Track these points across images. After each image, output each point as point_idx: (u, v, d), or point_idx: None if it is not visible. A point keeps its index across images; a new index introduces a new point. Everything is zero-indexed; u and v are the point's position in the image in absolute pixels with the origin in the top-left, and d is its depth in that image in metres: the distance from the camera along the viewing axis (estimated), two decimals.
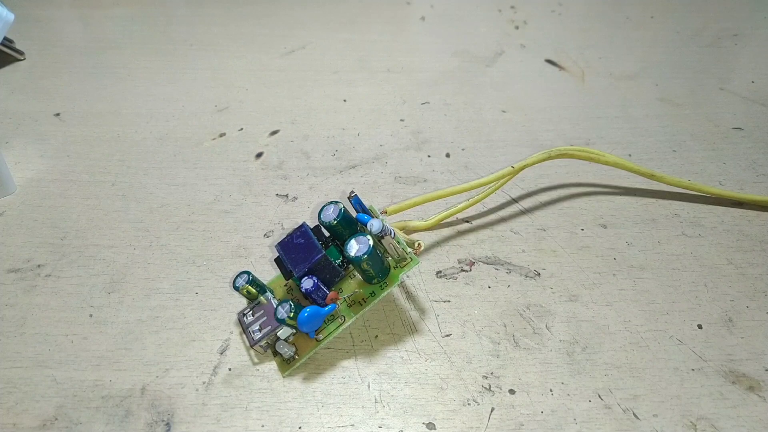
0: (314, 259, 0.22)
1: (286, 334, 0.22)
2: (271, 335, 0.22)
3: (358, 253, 0.21)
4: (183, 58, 0.43)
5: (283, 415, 0.21)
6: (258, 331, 0.23)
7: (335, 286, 0.23)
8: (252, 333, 0.23)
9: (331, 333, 0.22)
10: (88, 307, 0.25)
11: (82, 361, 0.23)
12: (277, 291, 0.25)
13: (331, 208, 0.23)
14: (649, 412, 0.21)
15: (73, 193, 0.31)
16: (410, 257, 0.22)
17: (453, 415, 0.21)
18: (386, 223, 0.22)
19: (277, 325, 0.22)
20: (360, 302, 0.22)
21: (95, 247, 0.27)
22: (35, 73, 0.41)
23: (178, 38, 0.45)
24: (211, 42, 0.44)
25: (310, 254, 0.22)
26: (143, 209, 0.30)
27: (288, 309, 0.22)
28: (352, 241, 0.22)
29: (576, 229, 0.29)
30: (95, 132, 0.35)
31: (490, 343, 0.23)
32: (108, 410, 0.21)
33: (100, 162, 0.33)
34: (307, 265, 0.22)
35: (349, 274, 0.23)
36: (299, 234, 0.23)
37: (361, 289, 0.23)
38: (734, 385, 0.22)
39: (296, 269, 0.22)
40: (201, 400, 0.21)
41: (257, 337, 0.22)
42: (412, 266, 0.22)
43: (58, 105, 0.37)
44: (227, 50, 0.44)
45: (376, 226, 0.22)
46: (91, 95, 0.38)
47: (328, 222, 0.23)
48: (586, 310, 0.25)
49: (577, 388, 0.22)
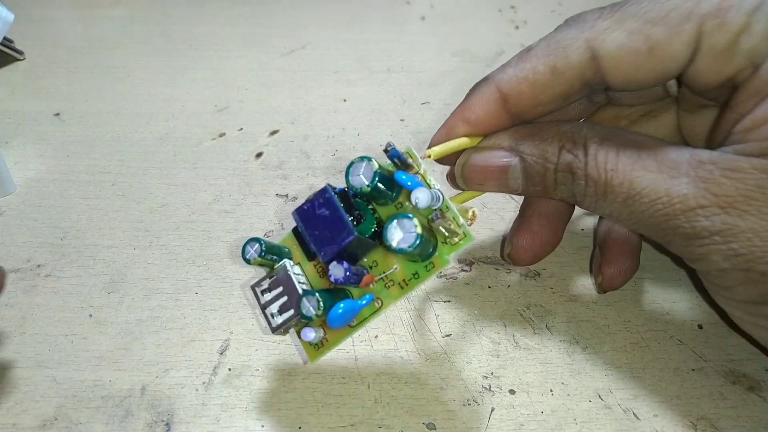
0: (344, 241, 0.18)
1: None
2: (293, 321, 0.19)
3: (401, 245, 0.17)
4: (183, 57, 0.43)
5: (282, 416, 0.21)
6: (278, 315, 0.19)
7: (367, 258, 0.20)
8: (271, 317, 0.19)
9: (366, 319, 0.19)
10: (87, 307, 0.25)
11: (82, 361, 0.23)
12: (294, 251, 0.21)
13: (361, 167, 0.18)
14: (649, 413, 0.21)
15: (73, 193, 0.31)
16: (463, 232, 0.18)
17: (453, 416, 0.21)
18: (434, 188, 0.18)
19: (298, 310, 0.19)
20: (400, 284, 0.19)
21: (95, 247, 0.27)
22: (35, 73, 0.41)
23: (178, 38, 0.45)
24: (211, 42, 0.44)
25: (339, 233, 0.18)
26: (143, 209, 0.29)
27: (315, 305, 0.18)
28: (394, 227, 0.17)
29: (576, 229, 0.28)
30: (95, 132, 0.35)
31: (490, 343, 0.23)
32: (108, 410, 0.21)
33: (100, 162, 0.33)
34: (335, 248, 0.18)
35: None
36: (322, 202, 0.19)
37: (401, 267, 0.19)
38: (735, 386, 0.22)
39: (321, 251, 0.18)
40: (201, 400, 0.21)
41: (277, 323, 0.19)
42: (464, 244, 0.18)
43: (58, 105, 0.37)
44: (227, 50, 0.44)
45: (424, 200, 0.18)
46: (91, 95, 0.38)
47: (359, 188, 0.18)
48: (587, 310, 0.25)
49: (577, 388, 0.22)
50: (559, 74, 0.20)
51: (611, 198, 0.19)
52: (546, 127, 0.21)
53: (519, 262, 0.25)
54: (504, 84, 0.21)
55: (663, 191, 0.18)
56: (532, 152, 0.20)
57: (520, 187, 0.21)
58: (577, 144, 0.20)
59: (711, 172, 0.18)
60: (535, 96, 0.20)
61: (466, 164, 0.21)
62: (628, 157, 0.19)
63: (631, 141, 0.20)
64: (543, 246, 0.24)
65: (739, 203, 0.17)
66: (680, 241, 0.19)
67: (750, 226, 0.17)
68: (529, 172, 0.21)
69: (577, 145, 0.20)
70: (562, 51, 0.20)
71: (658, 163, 0.19)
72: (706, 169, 0.18)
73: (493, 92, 0.21)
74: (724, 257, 0.18)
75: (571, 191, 0.20)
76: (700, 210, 0.18)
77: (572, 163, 0.20)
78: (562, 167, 0.20)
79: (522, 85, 0.20)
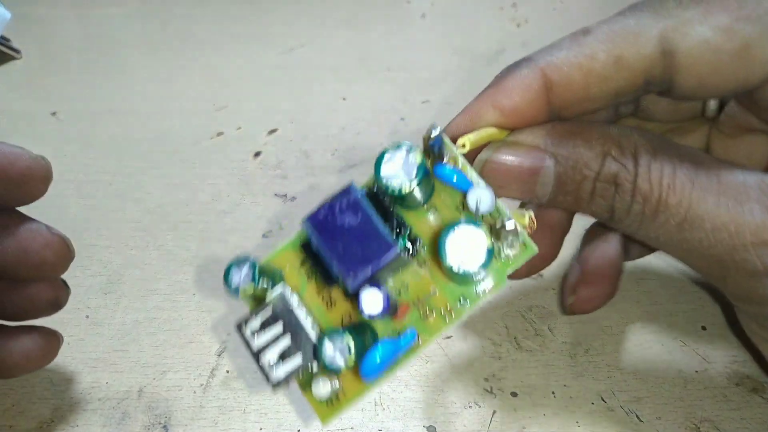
0: (384, 260, 0.14)
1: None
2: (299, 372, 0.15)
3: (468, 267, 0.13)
4: (181, 56, 0.42)
5: (281, 418, 0.21)
6: (279, 364, 0.15)
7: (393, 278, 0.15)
8: (269, 368, 0.15)
9: (400, 363, 0.15)
10: (84, 308, 0.24)
11: (79, 362, 0.22)
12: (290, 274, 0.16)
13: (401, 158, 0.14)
14: (652, 415, 0.21)
15: (70, 193, 0.30)
16: (524, 242, 0.15)
17: (454, 418, 0.21)
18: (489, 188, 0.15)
19: (312, 361, 0.14)
20: (442, 313, 0.15)
21: (92, 247, 0.27)
22: (31, 71, 0.40)
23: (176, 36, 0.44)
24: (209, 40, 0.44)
25: (375, 249, 0.14)
26: (140, 209, 0.29)
27: (344, 350, 0.14)
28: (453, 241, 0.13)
29: (579, 230, 0.28)
30: (92, 131, 0.35)
31: (491, 345, 0.23)
32: (105, 412, 0.21)
33: (97, 161, 0.32)
34: (369, 269, 0.14)
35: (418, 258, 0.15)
36: (347, 206, 0.14)
37: (442, 291, 0.15)
38: (738, 387, 0.22)
39: (350, 274, 0.14)
40: (198, 402, 0.21)
41: (279, 376, 0.14)
42: (525, 258, 0.15)
43: (55, 104, 0.37)
44: (225, 48, 0.43)
45: (487, 202, 0.14)
46: (88, 94, 0.38)
47: (397, 188, 0.14)
48: None
49: (579, 391, 0.22)
50: (624, 66, 0.17)
51: (663, 219, 0.16)
52: (588, 128, 0.18)
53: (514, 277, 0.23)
54: (552, 69, 0.17)
55: (730, 218, 0.16)
56: (570, 155, 0.17)
57: (547, 195, 0.18)
58: (625, 152, 0.17)
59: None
60: (588, 88, 0.17)
61: (491, 161, 0.18)
62: (686, 173, 0.16)
63: (688, 155, 0.17)
64: (541, 260, 0.22)
65: None
66: (742, 278, 0.16)
67: None
68: (563, 178, 0.17)
69: (625, 152, 0.17)
70: (632, 39, 0.16)
71: (723, 185, 0.16)
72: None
73: (537, 77, 0.17)
74: None
75: (609, 206, 0.17)
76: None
77: (618, 174, 0.17)
78: (604, 177, 0.17)
79: (575, 72, 0.17)
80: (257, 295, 0.15)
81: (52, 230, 0.19)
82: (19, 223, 0.19)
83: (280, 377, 0.15)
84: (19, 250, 0.18)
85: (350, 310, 0.16)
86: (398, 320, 0.15)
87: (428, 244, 0.16)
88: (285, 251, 0.17)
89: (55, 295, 0.20)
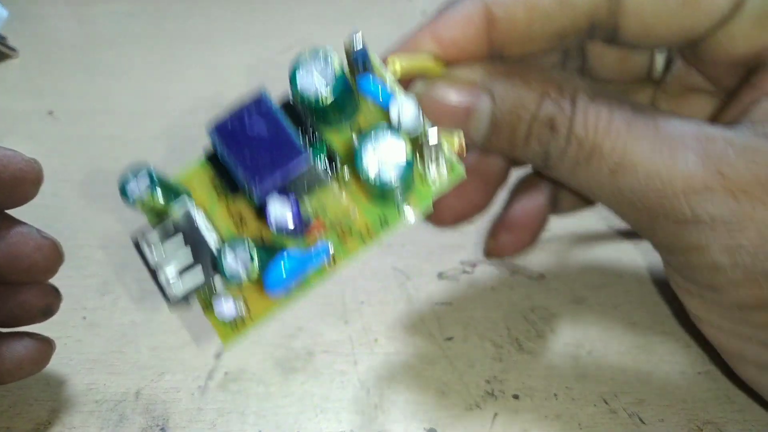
0: (294, 168, 0.13)
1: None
2: (200, 288, 0.14)
3: (383, 176, 0.13)
4: (179, 54, 0.42)
5: (280, 421, 0.21)
6: (176, 279, 0.14)
7: (309, 198, 0.14)
8: (167, 281, 0.14)
9: (309, 283, 0.14)
10: (81, 309, 0.24)
11: (76, 364, 0.22)
12: (198, 192, 0.15)
13: (317, 65, 0.13)
14: (655, 417, 0.21)
15: (66, 193, 0.30)
16: (450, 163, 0.15)
17: (455, 421, 0.21)
18: (413, 99, 0.14)
19: (213, 275, 0.14)
20: (361, 234, 0.14)
21: (89, 247, 0.27)
22: (28, 70, 0.40)
23: (174, 34, 0.44)
24: (208, 38, 0.44)
25: (284, 157, 0.13)
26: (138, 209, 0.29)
27: (247, 260, 0.13)
28: (370, 150, 0.13)
29: (581, 230, 0.28)
30: (89, 130, 0.35)
31: (493, 347, 0.23)
32: (102, 414, 0.21)
33: (94, 161, 0.32)
34: (278, 177, 0.13)
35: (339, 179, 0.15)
36: (256, 110, 0.14)
37: (362, 212, 0.15)
38: (742, 389, 0.22)
39: (256, 181, 0.13)
40: (196, 404, 0.21)
41: (177, 292, 0.14)
42: (452, 182, 0.15)
43: (51, 103, 0.37)
44: (224, 46, 0.43)
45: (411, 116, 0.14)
46: (85, 93, 0.38)
47: (314, 97, 0.13)
48: (592, 312, 0.24)
49: (582, 393, 0.21)
50: (568, 5, 0.16)
51: (596, 165, 0.16)
52: (528, 69, 0.17)
53: (437, 223, 0.22)
54: (496, 3, 0.17)
55: (663, 165, 0.16)
56: (508, 94, 0.16)
57: (482, 136, 0.17)
58: (564, 93, 0.16)
59: (723, 150, 0.15)
60: (530, 25, 0.17)
61: (424, 95, 0.17)
62: (623, 119, 0.16)
63: (627, 103, 0.17)
64: (472, 208, 0.21)
65: (754, 190, 0.15)
66: (671, 227, 0.16)
67: (763, 217, 0.15)
68: (498, 118, 0.17)
69: (564, 94, 0.16)
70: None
71: (660, 133, 0.16)
72: (718, 146, 0.15)
73: (479, 10, 0.17)
74: (723, 251, 0.16)
75: (544, 151, 0.17)
76: (707, 192, 0.15)
77: (556, 116, 0.16)
78: (541, 119, 0.16)
79: (518, 8, 0.16)
80: (158, 209, 0.14)
81: (43, 233, 0.19)
82: (10, 227, 0.19)
83: (178, 294, 0.14)
84: (9, 255, 0.18)
85: (262, 230, 0.15)
86: (311, 237, 0.14)
87: (348, 163, 0.15)
88: (193, 171, 0.16)
89: (47, 303, 0.20)
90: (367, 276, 0.25)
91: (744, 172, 0.15)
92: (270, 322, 0.16)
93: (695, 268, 0.17)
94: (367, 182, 0.13)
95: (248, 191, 0.13)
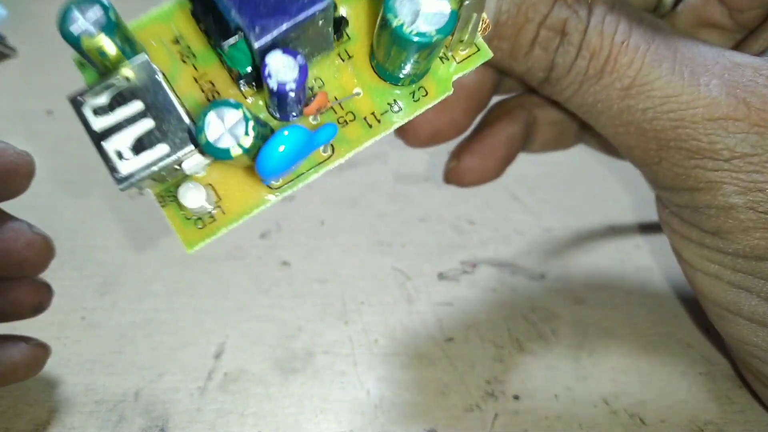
0: (311, 8, 0.10)
1: (198, 167, 0.11)
2: (163, 168, 0.11)
3: (424, 28, 0.10)
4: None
5: (280, 422, 0.21)
6: (131, 153, 0.11)
7: (311, 67, 0.12)
8: (119, 157, 0.11)
9: (303, 175, 0.12)
10: (80, 310, 0.24)
11: (75, 364, 0.22)
12: (157, 51, 0.12)
13: None
14: (656, 418, 0.21)
15: (65, 193, 0.30)
16: (476, 42, 0.12)
17: (456, 422, 0.21)
18: None
19: (184, 149, 0.11)
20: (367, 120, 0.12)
21: (88, 247, 0.27)
22: (27, 69, 0.40)
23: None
24: None
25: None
26: (137, 209, 0.29)
27: (242, 131, 0.10)
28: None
29: (582, 231, 0.28)
30: None
31: (493, 348, 0.23)
32: (101, 415, 0.21)
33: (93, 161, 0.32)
34: (286, 20, 0.10)
35: (340, 51, 0.12)
36: None
37: (368, 93, 0.12)
38: (742, 389, 0.22)
39: (256, 25, 0.10)
40: (196, 405, 0.21)
41: (130, 170, 0.11)
42: (475, 63, 0.13)
43: (51, 102, 0.37)
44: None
45: None
46: None
47: None
48: (593, 313, 0.24)
49: (582, 394, 0.21)
50: None
51: (608, 81, 0.14)
52: None
53: (411, 138, 0.19)
54: None
55: (683, 88, 0.14)
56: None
57: None
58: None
59: (752, 78, 0.14)
60: None
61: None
62: (643, 34, 0.14)
63: (648, 19, 0.15)
64: (450, 125, 0.19)
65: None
66: (681, 159, 0.14)
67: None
68: (503, 17, 0.15)
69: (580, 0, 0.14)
70: None
71: (681, 54, 0.14)
72: (745, 74, 0.14)
73: None
74: (739, 190, 0.14)
75: (549, 61, 0.15)
76: (729, 122, 0.14)
77: (568, 21, 0.14)
78: (551, 23, 0.14)
79: None
80: (107, 59, 0.11)
81: (34, 229, 0.19)
82: (1, 222, 0.19)
83: (130, 172, 0.10)
84: (0, 250, 0.18)
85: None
86: (311, 114, 0.12)
87: (358, 31, 0.12)
88: (156, 20, 0.12)
89: (39, 300, 0.20)
90: (367, 276, 0.25)
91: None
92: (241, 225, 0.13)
93: (702, 208, 0.15)
94: (399, 34, 0.10)
95: (239, 46, 0.10)
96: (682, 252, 0.17)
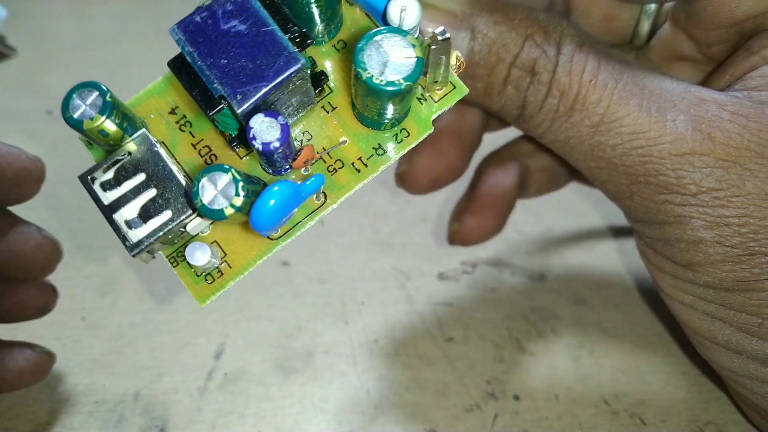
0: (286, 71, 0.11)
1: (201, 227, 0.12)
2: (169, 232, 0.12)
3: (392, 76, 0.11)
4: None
5: (280, 422, 0.21)
6: (138, 222, 0.12)
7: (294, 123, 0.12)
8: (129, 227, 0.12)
9: (298, 224, 0.13)
10: (80, 310, 0.24)
11: (75, 365, 0.22)
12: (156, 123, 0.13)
13: None
14: (656, 418, 0.21)
15: (65, 193, 0.30)
16: (450, 81, 0.13)
17: (456, 422, 0.21)
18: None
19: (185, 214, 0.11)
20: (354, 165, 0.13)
21: (88, 248, 0.27)
22: (27, 69, 0.40)
23: None
24: None
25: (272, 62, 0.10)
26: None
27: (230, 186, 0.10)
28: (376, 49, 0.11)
29: (582, 231, 0.28)
30: None
31: (493, 348, 0.23)
32: (101, 415, 0.21)
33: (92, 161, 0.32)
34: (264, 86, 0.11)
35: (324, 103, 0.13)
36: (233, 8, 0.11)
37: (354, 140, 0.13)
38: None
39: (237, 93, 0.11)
40: (196, 405, 0.21)
41: (140, 237, 0.12)
42: (453, 100, 0.13)
43: (50, 102, 0.37)
44: None
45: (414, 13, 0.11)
46: None
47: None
48: (593, 313, 0.24)
49: (583, 394, 0.21)
50: None
51: (578, 119, 0.15)
52: (514, 8, 0.15)
53: (412, 187, 0.20)
54: None
55: (651, 124, 0.14)
56: (489, 32, 0.15)
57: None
58: (549, 38, 0.15)
59: (716, 114, 0.14)
60: None
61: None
62: (611, 72, 0.15)
63: (616, 55, 0.15)
64: (448, 169, 0.20)
65: (744, 159, 0.14)
66: (651, 193, 0.15)
67: (752, 190, 0.14)
68: (476, 58, 0.15)
69: (549, 39, 0.15)
70: None
71: (648, 91, 0.15)
72: (710, 109, 0.14)
73: None
74: (707, 225, 0.14)
75: (521, 99, 0.15)
76: (695, 157, 0.14)
77: (537, 61, 0.15)
78: (521, 63, 0.15)
79: None
80: (109, 138, 0.12)
81: (43, 232, 0.19)
82: (11, 225, 0.19)
83: (140, 238, 0.11)
84: (9, 252, 0.18)
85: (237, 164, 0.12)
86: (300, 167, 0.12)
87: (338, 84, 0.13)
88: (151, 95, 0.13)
89: (45, 301, 0.20)
90: (367, 276, 0.25)
91: (736, 138, 0.14)
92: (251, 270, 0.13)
93: (673, 242, 0.15)
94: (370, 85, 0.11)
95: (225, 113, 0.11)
96: (659, 282, 0.17)
